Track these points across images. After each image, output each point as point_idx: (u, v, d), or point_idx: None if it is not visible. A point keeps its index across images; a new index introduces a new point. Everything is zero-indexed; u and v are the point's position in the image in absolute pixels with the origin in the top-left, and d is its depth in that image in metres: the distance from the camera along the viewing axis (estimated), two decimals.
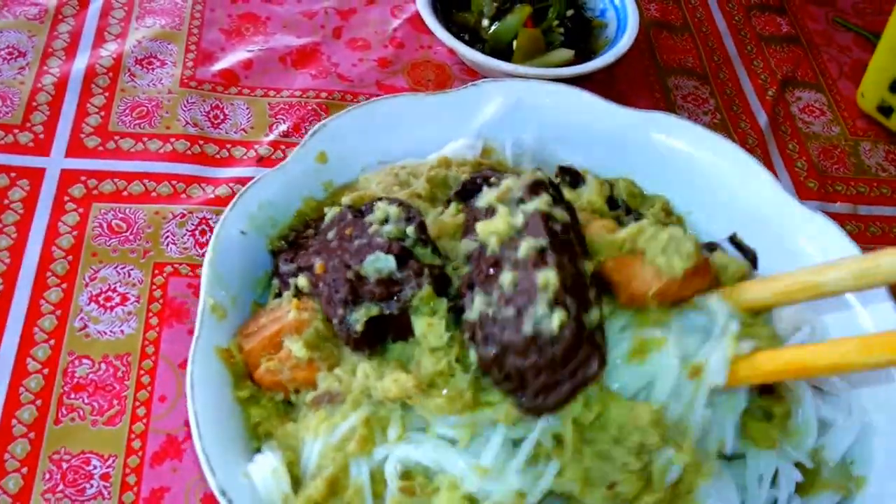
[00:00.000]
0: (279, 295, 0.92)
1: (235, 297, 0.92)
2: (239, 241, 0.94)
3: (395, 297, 0.82)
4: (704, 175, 1.08)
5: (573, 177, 1.03)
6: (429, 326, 0.80)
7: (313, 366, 0.84)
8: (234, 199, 0.95)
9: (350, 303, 0.82)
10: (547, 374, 0.72)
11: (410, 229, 0.86)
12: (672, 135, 1.10)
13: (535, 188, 0.82)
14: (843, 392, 0.90)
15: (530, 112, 1.12)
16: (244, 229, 0.95)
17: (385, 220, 0.88)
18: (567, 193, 0.94)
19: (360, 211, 0.92)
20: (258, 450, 0.84)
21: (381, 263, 0.83)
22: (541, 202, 0.80)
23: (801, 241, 1.01)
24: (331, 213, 0.94)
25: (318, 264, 0.87)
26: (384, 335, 0.83)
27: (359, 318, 0.81)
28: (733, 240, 0.94)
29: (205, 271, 0.90)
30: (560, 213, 0.80)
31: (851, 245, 0.97)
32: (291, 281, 0.90)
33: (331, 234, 0.90)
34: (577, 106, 1.13)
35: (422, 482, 0.78)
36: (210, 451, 0.77)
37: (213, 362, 0.85)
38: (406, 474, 0.79)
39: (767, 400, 0.85)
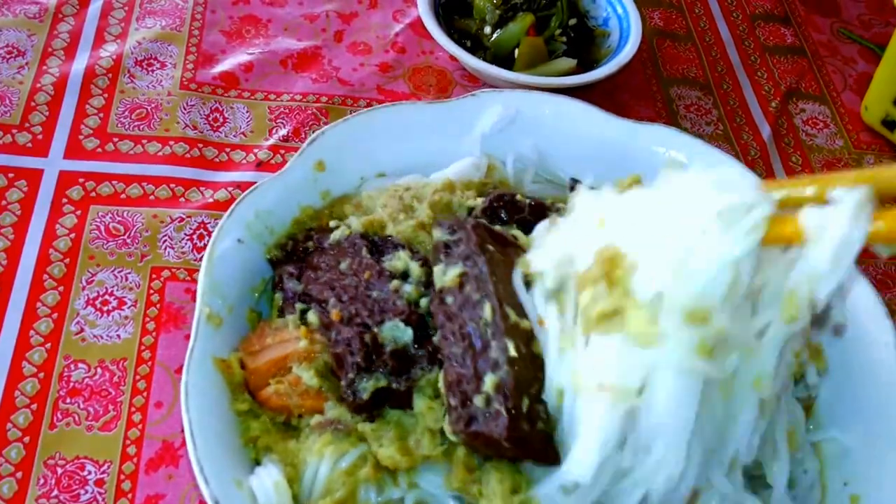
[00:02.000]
0: (282, 312, 0.93)
1: (232, 305, 0.91)
2: (236, 249, 0.94)
3: (406, 376, 0.84)
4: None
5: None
6: (429, 409, 0.83)
7: (322, 395, 0.85)
8: (230, 208, 0.95)
9: (363, 369, 0.84)
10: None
11: (425, 302, 0.88)
12: (672, 148, 1.10)
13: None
14: None
15: (529, 123, 1.11)
16: (241, 238, 0.94)
17: (404, 274, 0.90)
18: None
19: (374, 244, 0.94)
20: (257, 462, 0.84)
21: (399, 333, 0.85)
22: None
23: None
24: (339, 233, 0.95)
25: (333, 311, 0.88)
26: (384, 402, 0.85)
27: (367, 387, 0.83)
28: None
29: (201, 280, 0.90)
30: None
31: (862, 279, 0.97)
32: (298, 306, 0.90)
33: (343, 266, 0.92)
34: (576, 118, 1.12)
35: None
36: (204, 461, 0.77)
37: (208, 372, 0.85)
38: None
39: None
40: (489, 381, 0.76)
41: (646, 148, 1.10)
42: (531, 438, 0.75)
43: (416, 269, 0.90)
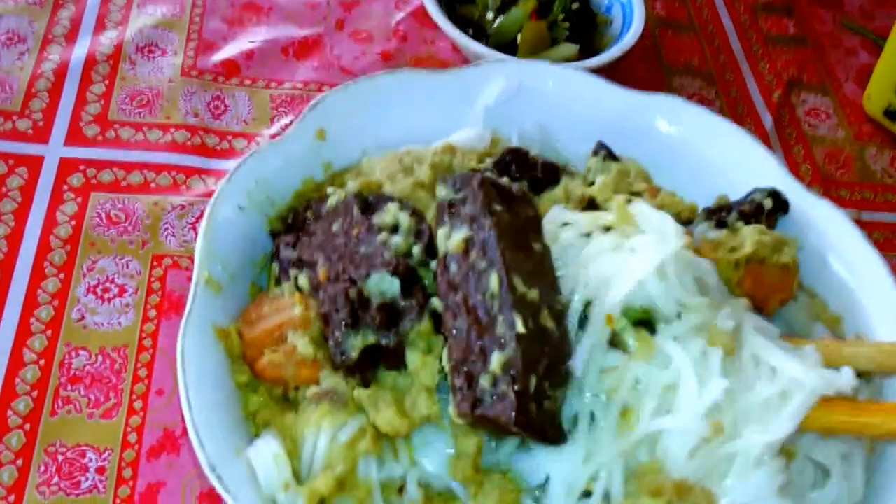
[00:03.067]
0: (279, 281, 0.91)
1: (233, 274, 0.90)
2: (237, 217, 0.92)
3: (395, 329, 0.81)
4: (709, 159, 1.07)
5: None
6: (423, 364, 0.80)
7: (317, 364, 0.83)
8: (229, 173, 0.93)
9: (349, 326, 0.81)
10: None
11: (417, 249, 0.85)
12: (678, 118, 1.09)
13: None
14: None
15: (533, 94, 1.10)
16: (242, 205, 0.93)
17: (394, 228, 0.87)
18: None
19: (366, 202, 0.91)
20: (256, 435, 0.82)
21: (385, 286, 0.82)
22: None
23: (806, 226, 1.00)
24: (334, 197, 0.92)
25: (321, 269, 0.85)
26: (377, 363, 0.82)
27: (356, 344, 0.80)
28: (772, 193, 0.99)
29: (199, 244, 0.87)
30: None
31: (857, 232, 0.97)
32: (292, 272, 0.89)
33: (335, 227, 0.89)
34: (580, 88, 1.11)
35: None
36: (200, 425, 0.75)
37: (207, 338, 0.83)
38: (427, 495, 0.80)
39: None
40: (496, 360, 0.74)
41: (650, 118, 1.09)
42: (538, 420, 0.74)
43: (405, 219, 0.87)
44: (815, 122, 1.44)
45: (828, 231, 0.99)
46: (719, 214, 0.97)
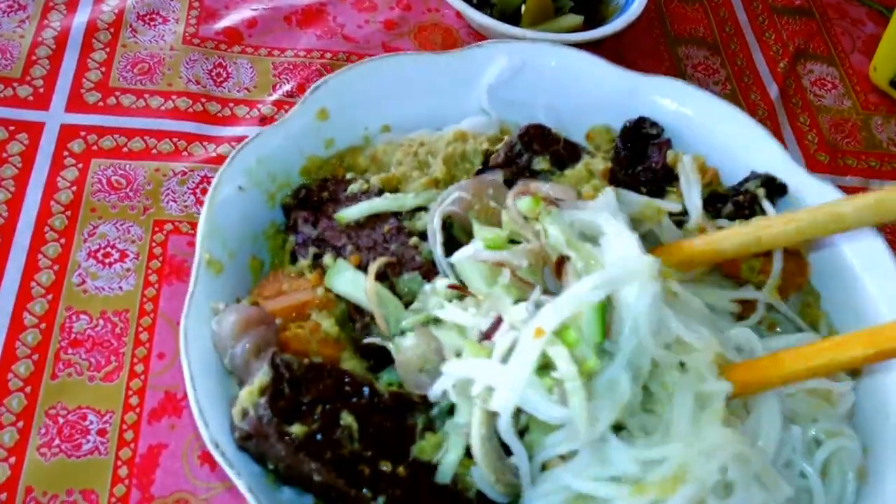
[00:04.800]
0: (293, 256, 0.92)
1: (233, 252, 0.90)
2: (238, 196, 0.92)
3: None
4: (711, 142, 1.07)
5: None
6: None
7: (340, 344, 0.85)
8: (231, 154, 0.94)
9: None
10: None
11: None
12: (680, 101, 1.09)
13: None
14: None
15: (535, 75, 1.10)
16: (242, 185, 0.93)
17: (423, 234, 0.91)
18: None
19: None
20: None
21: (415, 286, 0.87)
22: None
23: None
24: (356, 186, 0.95)
25: (351, 257, 0.88)
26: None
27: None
28: (766, 181, 0.99)
29: (201, 226, 0.88)
30: None
31: None
32: (311, 249, 0.90)
33: (366, 230, 0.92)
34: (583, 69, 1.11)
35: None
36: (204, 403, 0.76)
37: (208, 318, 0.83)
38: None
39: None
40: None
41: (652, 100, 1.09)
42: None
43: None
44: (821, 93, 1.43)
45: None
46: (714, 205, 0.98)
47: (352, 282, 0.84)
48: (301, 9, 1.34)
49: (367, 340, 0.84)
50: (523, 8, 1.30)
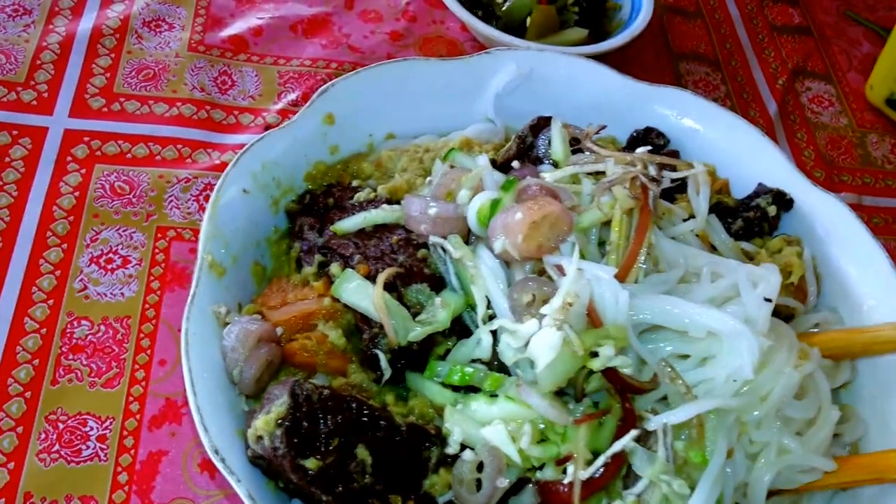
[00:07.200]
0: (299, 264, 0.92)
1: (236, 256, 0.90)
2: (241, 200, 0.92)
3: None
4: (716, 151, 1.08)
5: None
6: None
7: (347, 356, 0.84)
8: (236, 157, 0.93)
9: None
10: None
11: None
12: (685, 110, 1.09)
13: None
14: None
15: (542, 83, 1.10)
16: (247, 188, 0.93)
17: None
18: None
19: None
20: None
21: (423, 297, 0.86)
22: None
23: (811, 218, 1.01)
24: (363, 194, 0.94)
25: (359, 266, 0.87)
26: (400, 365, 0.84)
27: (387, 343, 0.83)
28: (777, 197, 1.01)
29: (203, 228, 0.88)
30: None
31: (858, 224, 0.98)
32: (317, 257, 0.90)
33: (369, 227, 0.91)
34: (590, 78, 1.11)
35: None
36: (204, 409, 0.76)
37: (210, 321, 0.83)
38: None
39: None
40: None
41: (658, 110, 1.10)
42: None
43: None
44: (819, 110, 1.45)
45: (833, 223, 1.00)
46: (724, 219, 0.98)
47: (360, 292, 0.83)
48: (307, 18, 1.35)
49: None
50: (528, 21, 1.31)
